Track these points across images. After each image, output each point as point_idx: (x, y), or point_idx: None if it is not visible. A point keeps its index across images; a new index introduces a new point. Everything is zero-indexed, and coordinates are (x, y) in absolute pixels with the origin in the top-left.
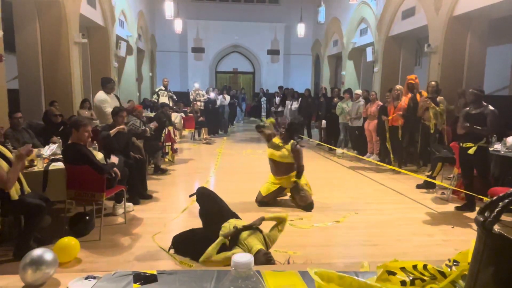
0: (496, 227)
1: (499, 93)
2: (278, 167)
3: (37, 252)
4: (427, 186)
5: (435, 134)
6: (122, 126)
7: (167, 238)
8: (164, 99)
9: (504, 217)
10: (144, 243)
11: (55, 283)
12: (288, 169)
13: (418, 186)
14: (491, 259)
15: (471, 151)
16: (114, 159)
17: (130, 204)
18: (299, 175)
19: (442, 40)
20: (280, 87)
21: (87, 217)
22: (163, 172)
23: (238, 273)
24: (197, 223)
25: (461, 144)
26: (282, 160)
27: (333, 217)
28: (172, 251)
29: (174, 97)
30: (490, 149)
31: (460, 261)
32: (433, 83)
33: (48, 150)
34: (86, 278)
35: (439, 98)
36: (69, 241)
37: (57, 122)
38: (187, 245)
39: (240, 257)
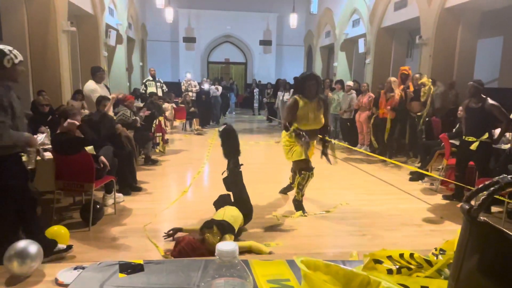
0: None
1: (489, 85)
2: (313, 133)
3: (21, 244)
4: (419, 177)
5: (419, 125)
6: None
7: (158, 229)
8: (152, 89)
9: (493, 209)
10: (134, 234)
11: (41, 274)
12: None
13: (412, 179)
14: (476, 247)
15: (473, 147)
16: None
17: (120, 194)
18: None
19: (433, 32)
20: (279, 80)
21: (97, 206)
22: (154, 163)
23: (222, 262)
24: (188, 215)
25: (463, 137)
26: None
27: (324, 208)
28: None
29: (164, 87)
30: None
31: (447, 250)
32: (417, 75)
33: None
34: (75, 268)
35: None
36: (59, 229)
37: (45, 112)
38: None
39: (224, 245)
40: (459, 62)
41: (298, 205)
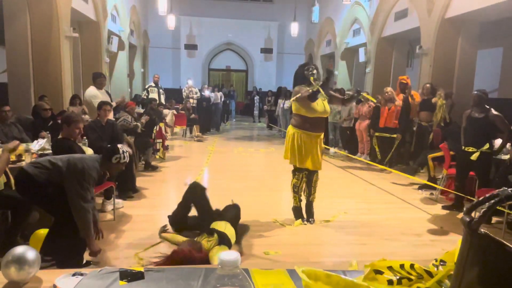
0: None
1: (488, 96)
2: (321, 123)
3: (19, 250)
4: (428, 186)
5: (429, 135)
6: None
7: (155, 236)
8: (154, 96)
9: (494, 219)
10: (133, 240)
11: (38, 280)
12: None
13: (420, 188)
14: (476, 259)
15: (473, 157)
16: None
17: (120, 200)
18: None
19: (433, 42)
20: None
21: None
22: (154, 169)
23: (224, 271)
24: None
25: (463, 147)
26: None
27: (323, 216)
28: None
29: (162, 91)
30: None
31: (447, 261)
32: (427, 85)
33: (36, 145)
34: (73, 275)
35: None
36: (45, 232)
37: (46, 117)
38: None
39: (227, 255)
40: (459, 72)
41: (297, 213)
